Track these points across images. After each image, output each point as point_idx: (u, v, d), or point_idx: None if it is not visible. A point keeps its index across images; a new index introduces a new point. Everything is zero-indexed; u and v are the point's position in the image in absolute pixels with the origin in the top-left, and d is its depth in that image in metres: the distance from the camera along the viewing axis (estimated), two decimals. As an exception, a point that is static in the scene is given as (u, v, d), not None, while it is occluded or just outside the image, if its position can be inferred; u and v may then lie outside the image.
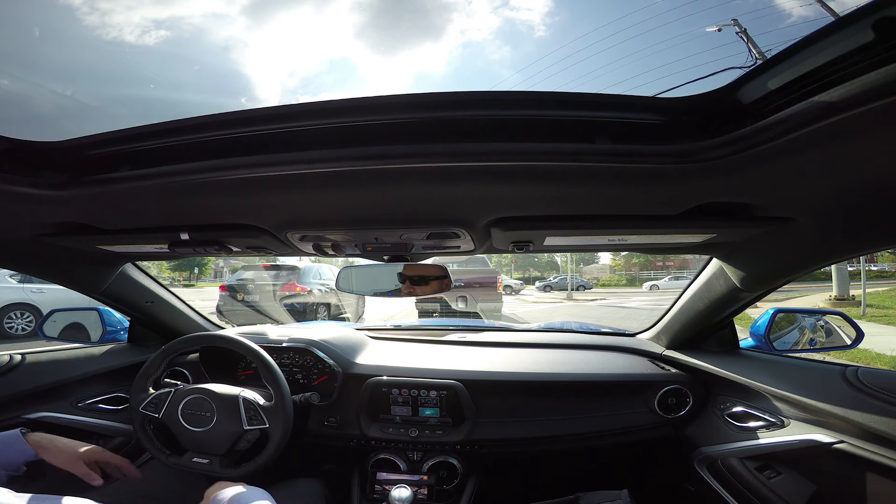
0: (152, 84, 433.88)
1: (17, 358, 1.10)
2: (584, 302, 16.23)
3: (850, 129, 0.39)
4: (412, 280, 0.96)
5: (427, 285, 0.96)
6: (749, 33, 9.45)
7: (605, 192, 0.60)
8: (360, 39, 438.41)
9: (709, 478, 1.10)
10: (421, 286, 0.96)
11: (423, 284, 0.96)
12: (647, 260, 36.33)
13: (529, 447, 1.21)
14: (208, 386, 1.04)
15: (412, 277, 0.96)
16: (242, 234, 0.80)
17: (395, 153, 0.49)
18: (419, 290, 0.97)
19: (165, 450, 1.04)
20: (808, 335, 1.26)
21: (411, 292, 0.97)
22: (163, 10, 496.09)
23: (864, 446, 0.78)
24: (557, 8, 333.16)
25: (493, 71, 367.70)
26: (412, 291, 0.97)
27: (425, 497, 1.18)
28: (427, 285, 0.96)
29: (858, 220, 0.63)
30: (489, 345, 1.47)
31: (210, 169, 0.54)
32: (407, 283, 0.96)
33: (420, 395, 1.21)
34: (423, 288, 0.96)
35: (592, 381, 1.22)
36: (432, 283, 0.96)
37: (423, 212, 0.70)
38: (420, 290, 0.96)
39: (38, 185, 0.58)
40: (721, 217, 0.67)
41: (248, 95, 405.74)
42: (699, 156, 0.46)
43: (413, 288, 0.96)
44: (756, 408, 1.02)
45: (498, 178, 0.56)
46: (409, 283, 0.96)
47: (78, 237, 0.85)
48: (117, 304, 1.28)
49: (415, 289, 0.96)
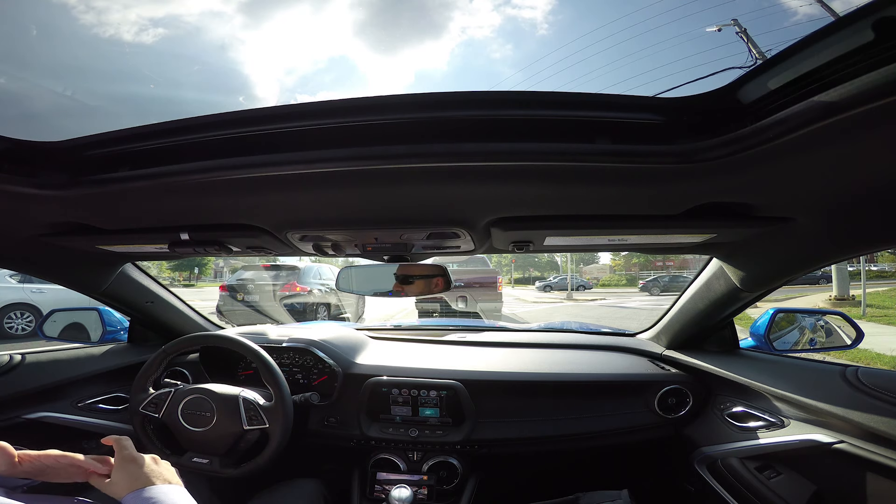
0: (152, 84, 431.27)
1: (17, 358, 1.10)
2: (584, 302, 16.23)
3: (850, 129, 0.39)
4: (412, 280, 0.96)
5: (427, 285, 0.96)
6: (749, 33, 9.45)
7: (605, 192, 0.60)
8: (359, 37, 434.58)
9: (709, 478, 1.10)
10: (421, 286, 0.96)
11: (423, 284, 0.96)
12: (647, 260, 36.33)
13: (529, 447, 1.21)
14: (208, 386, 1.04)
15: (412, 277, 0.96)
16: (242, 234, 0.80)
17: (395, 153, 0.49)
18: (419, 290, 0.96)
19: (165, 450, 1.04)
20: (808, 335, 1.26)
21: (411, 292, 0.97)
22: (159, 8, 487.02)
23: (864, 446, 0.78)
24: (560, 6, 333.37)
25: (495, 70, 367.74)
26: (412, 291, 0.97)
27: (425, 497, 1.18)
28: (427, 285, 0.96)
29: (858, 220, 0.63)
30: (489, 345, 1.47)
31: (210, 169, 0.54)
32: (407, 283, 0.96)
33: (420, 395, 1.21)
34: (423, 288, 0.96)
35: (592, 381, 1.22)
36: (432, 283, 0.96)
37: (423, 212, 0.70)
38: (420, 290, 0.96)
39: (38, 185, 0.58)
40: (721, 217, 0.67)
41: (246, 94, 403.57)
42: (699, 156, 0.46)
43: (413, 288, 0.96)
44: (756, 408, 1.02)
45: (498, 178, 0.56)
46: (409, 283, 0.96)
47: (78, 237, 0.85)
48: (117, 304, 1.28)
49: (415, 289, 0.96)
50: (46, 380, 1.11)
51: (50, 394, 1.13)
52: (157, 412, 1.03)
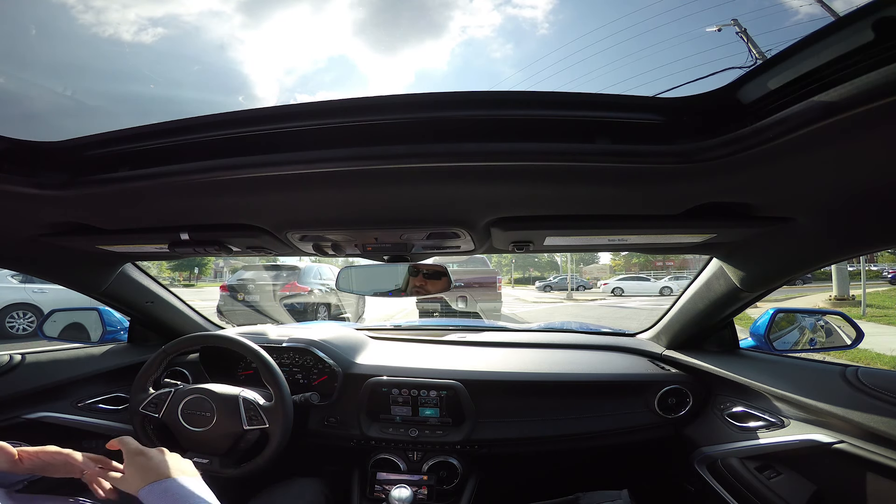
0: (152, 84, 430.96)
1: (17, 358, 1.10)
2: (584, 302, 16.23)
3: (850, 129, 0.39)
4: (412, 280, 0.96)
5: (427, 285, 0.96)
6: (749, 33, 9.45)
7: (605, 192, 0.60)
8: (359, 37, 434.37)
9: (709, 478, 1.10)
10: (421, 286, 0.96)
11: (423, 284, 0.96)
12: (646, 260, 36.32)
13: (529, 447, 1.21)
14: (208, 386, 1.04)
15: (412, 277, 0.96)
16: (242, 234, 0.80)
17: (395, 153, 0.49)
18: (419, 290, 0.96)
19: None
20: (808, 335, 1.26)
21: (411, 292, 0.97)
22: (158, 7, 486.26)
23: (864, 446, 0.78)
24: (561, 6, 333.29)
25: (495, 69, 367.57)
26: (412, 291, 0.97)
27: (425, 497, 1.17)
28: (427, 285, 0.96)
29: (859, 220, 0.63)
30: (489, 345, 1.47)
31: (210, 169, 0.54)
32: (407, 283, 0.96)
33: (420, 395, 1.21)
34: (423, 288, 0.96)
35: (592, 381, 1.22)
36: (432, 283, 0.96)
37: (423, 212, 0.70)
38: (420, 289, 0.96)
39: (38, 185, 0.58)
40: (721, 217, 0.67)
41: (246, 94, 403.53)
42: (699, 156, 0.46)
43: (413, 288, 0.96)
44: (756, 408, 1.02)
45: (498, 178, 0.56)
46: (409, 283, 0.96)
47: (78, 237, 0.85)
48: (117, 304, 1.28)
49: (415, 289, 0.96)
50: (46, 380, 1.11)
51: (50, 394, 1.13)
52: (157, 412, 1.03)
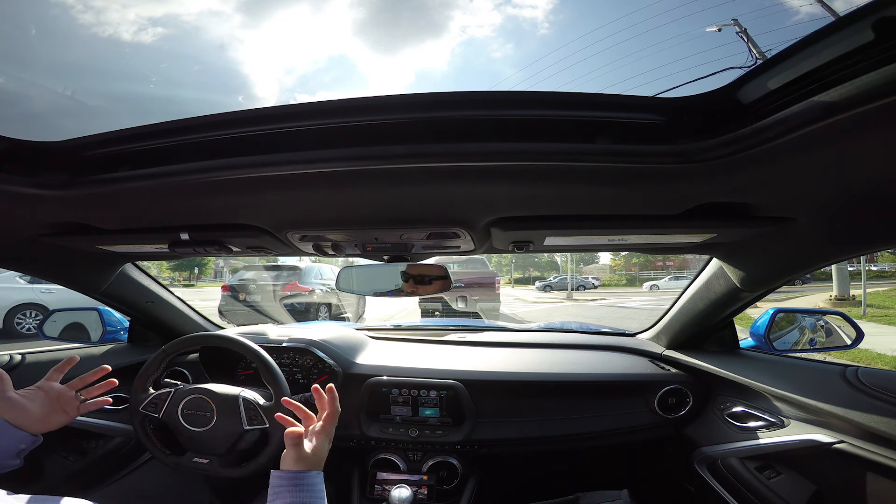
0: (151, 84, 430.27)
1: (17, 358, 1.10)
2: (584, 302, 16.23)
3: (850, 129, 0.39)
4: (412, 280, 0.96)
5: (427, 285, 0.96)
6: (749, 33, 9.45)
7: (605, 192, 0.60)
8: (359, 37, 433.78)
9: (709, 478, 1.10)
10: (421, 286, 0.96)
11: (423, 284, 0.96)
12: (647, 260, 36.33)
13: (529, 447, 1.21)
14: (208, 386, 1.04)
15: (412, 277, 0.96)
16: (242, 234, 0.80)
17: (395, 153, 0.49)
18: (419, 290, 0.96)
19: (165, 450, 1.04)
20: (808, 335, 1.26)
21: (411, 292, 0.97)
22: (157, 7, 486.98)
23: (864, 446, 0.78)
24: (561, 6, 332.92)
25: (496, 69, 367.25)
26: (412, 291, 0.97)
27: (425, 497, 1.18)
28: (427, 285, 0.96)
29: (859, 220, 0.63)
30: (489, 345, 1.47)
31: (210, 169, 0.54)
32: (407, 283, 0.96)
33: (420, 395, 1.21)
34: (424, 288, 0.96)
35: (592, 381, 1.22)
36: (432, 283, 0.96)
37: (423, 212, 0.70)
38: (420, 290, 0.96)
39: (38, 185, 0.58)
40: (721, 217, 0.67)
41: (246, 93, 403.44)
42: (699, 156, 0.46)
43: (413, 288, 0.96)
44: (756, 408, 1.02)
45: (498, 178, 0.56)
46: (410, 283, 0.96)
47: (78, 237, 0.85)
48: (117, 304, 1.28)
49: (415, 289, 0.96)
50: None
51: None
52: (157, 412, 1.03)
